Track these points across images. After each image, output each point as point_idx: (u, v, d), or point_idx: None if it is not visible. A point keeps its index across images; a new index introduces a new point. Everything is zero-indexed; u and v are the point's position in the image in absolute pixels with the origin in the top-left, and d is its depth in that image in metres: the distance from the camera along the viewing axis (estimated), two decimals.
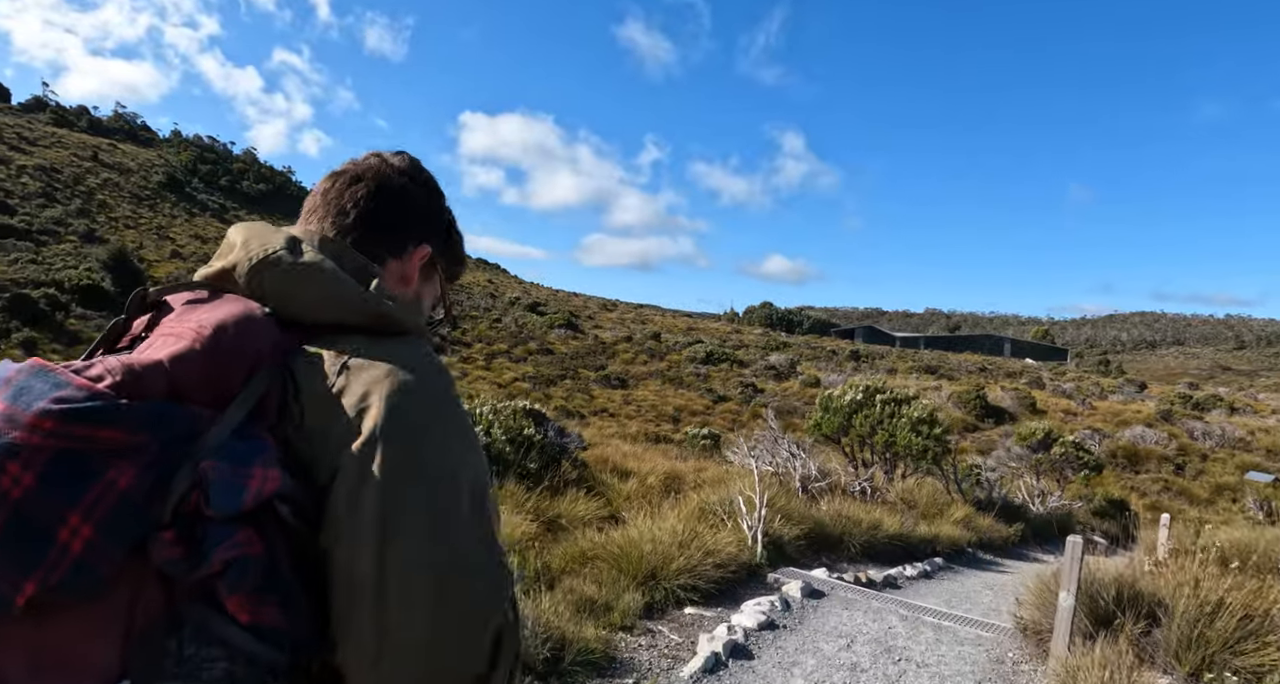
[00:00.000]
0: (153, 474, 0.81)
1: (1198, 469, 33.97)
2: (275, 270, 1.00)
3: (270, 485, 0.85)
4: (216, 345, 0.91)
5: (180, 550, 0.81)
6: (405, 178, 1.20)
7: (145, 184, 68.81)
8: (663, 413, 37.80)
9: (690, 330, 63.99)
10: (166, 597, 0.82)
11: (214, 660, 0.81)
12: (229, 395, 0.89)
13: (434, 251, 1.21)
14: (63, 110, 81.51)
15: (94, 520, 0.78)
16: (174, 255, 58.60)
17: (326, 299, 0.99)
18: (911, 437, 12.16)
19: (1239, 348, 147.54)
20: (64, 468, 0.77)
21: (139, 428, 0.81)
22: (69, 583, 0.77)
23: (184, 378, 0.88)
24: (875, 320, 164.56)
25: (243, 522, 0.84)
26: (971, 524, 11.63)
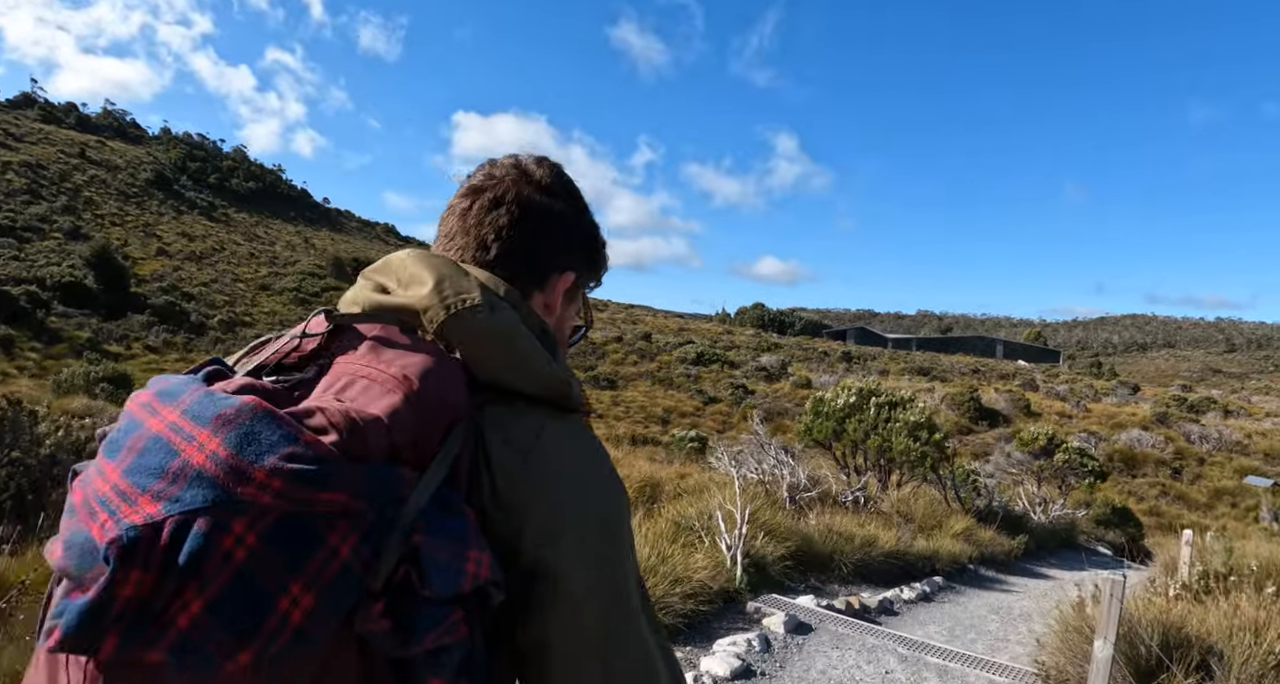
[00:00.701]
0: (370, 542, 0.74)
1: (1195, 473, 33.15)
2: (476, 325, 0.91)
3: (484, 571, 0.80)
4: (424, 399, 0.83)
5: (388, 624, 0.74)
6: (549, 198, 1.08)
7: (133, 181, 67.66)
8: (652, 414, 36.99)
9: (682, 331, 63.06)
10: (362, 672, 0.76)
11: None
12: (428, 454, 0.82)
13: (577, 275, 1.12)
14: (51, 107, 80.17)
15: (316, 589, 0.71)
16: (160, 253, 57.57)
17: (516, 366, 0.92)
18: (908, 442, 11.22)
19: (1230, 351, 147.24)
20: (289, 532, 0.71)
21: (362, 494, 0.74)
22: (287, 654, 0.70)
23: (399, 435, 0.80)
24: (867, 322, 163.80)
25: (455, 604, 0.78)
26: (973, 537, 10.69)
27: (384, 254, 1.05)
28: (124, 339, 42.72)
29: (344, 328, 0.92)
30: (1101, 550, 14.61)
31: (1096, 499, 15.20)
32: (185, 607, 0.68)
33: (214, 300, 51.45)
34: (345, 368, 0.88)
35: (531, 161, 1.11)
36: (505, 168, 1.10)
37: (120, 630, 0.67)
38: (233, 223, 70.68)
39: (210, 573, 0.68)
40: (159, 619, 0.68)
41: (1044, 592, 9.63)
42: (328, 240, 75.20)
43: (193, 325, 46.63)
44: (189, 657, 0.68)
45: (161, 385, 0.80)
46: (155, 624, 0.68)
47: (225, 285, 54.59)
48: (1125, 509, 16.36)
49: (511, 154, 1.13)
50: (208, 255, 59.52)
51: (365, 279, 1.01)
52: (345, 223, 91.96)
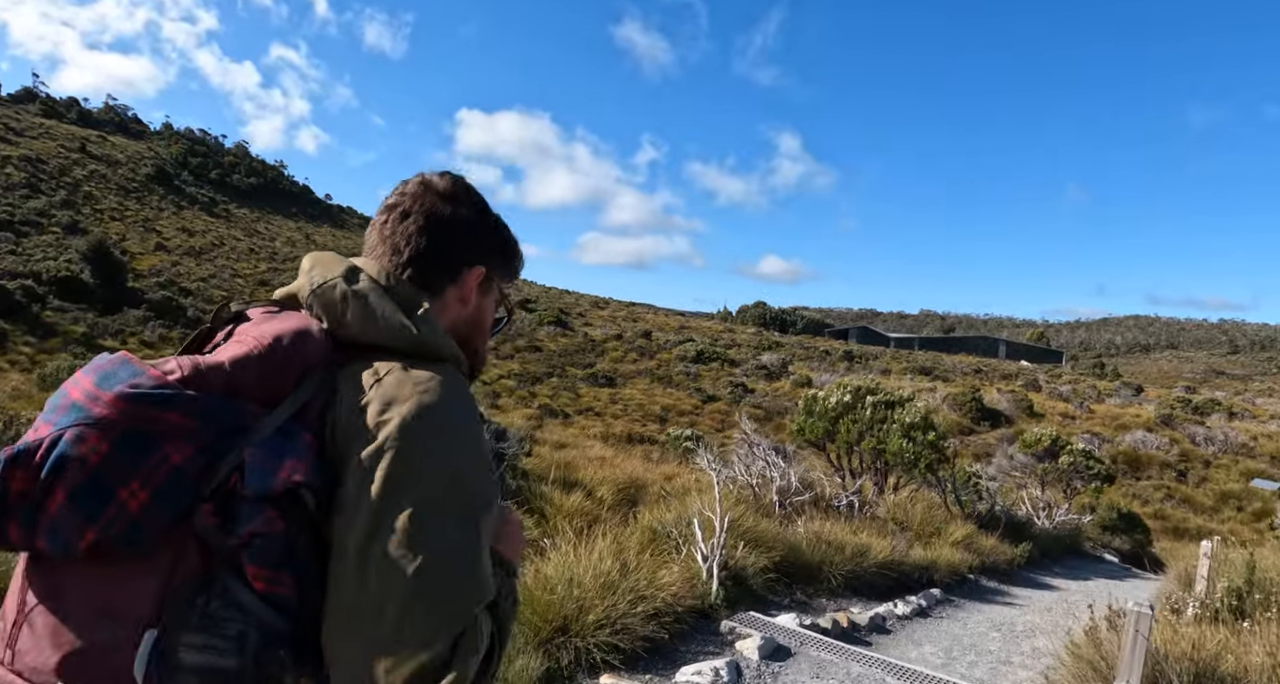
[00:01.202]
0: (204, 456, 0.94)
1: (1200, 476, 32.43)
2: (330, 295, 1.12)
3: (297, 476, 0.97)
4: (270, 353, 1.04)
5: (216, 521, 0.93)
6: (452, 205, 1.25)
7: (133, 176, 67.09)
8: (650, 412, 36.39)
9: (682, 329, 62.38)
10: (203, 562, 0.94)
11: (231, 620, 0.92)
12: (279, 397, 1.03)
13: (489, 267, 1.29)
14: (52, 102, 79.62)
15: (150, 487, 0.91)
16: (159, 248, 57.00)
17: (369, 323, 1.11)
18: (904, 444, 10.53)
19: (1233, 352, 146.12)
20: (132, 441, 0.92)
21: (194, 415, 0.94)
22: (123, 536, 0.91)
23: (240, 378, 1.01)
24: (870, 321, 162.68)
25: (270, 503, 0.95)
26: (973, 545, 10.01)
27: None
28: (119, 334, 42.07)
29: (241, 315, 1.16)
30: (1108, 558, 13.91)
31: (1101, 504, 14.48)
32: (54, 497, 0.91)
33: (212, 296, 50.81)
34: (230, 340, 1.09)
35: (435, 176, 1.28)
36: (413, 185, 1.27)
37: (16, 519, 0.91)
38: (233, 218, 70.09)
39: (70, 471, 0.90)
40: (38, 510, 0.91)
41: (1049, 605, 8.95)
42: (329, 236, 74.64)
43: (189, 320, 45.91)
44: (55, 537, 0.91)
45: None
46: (38, 513, 0.91)
47: (224, 281, 54.00)
48: (1132, 515, 15.62)
49: (419, 172, 1.30)
50: (207, 251, 58.95)
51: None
52: (347, 219, 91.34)
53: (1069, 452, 13.74)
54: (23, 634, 0.95)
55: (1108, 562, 13.67)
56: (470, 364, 1.28)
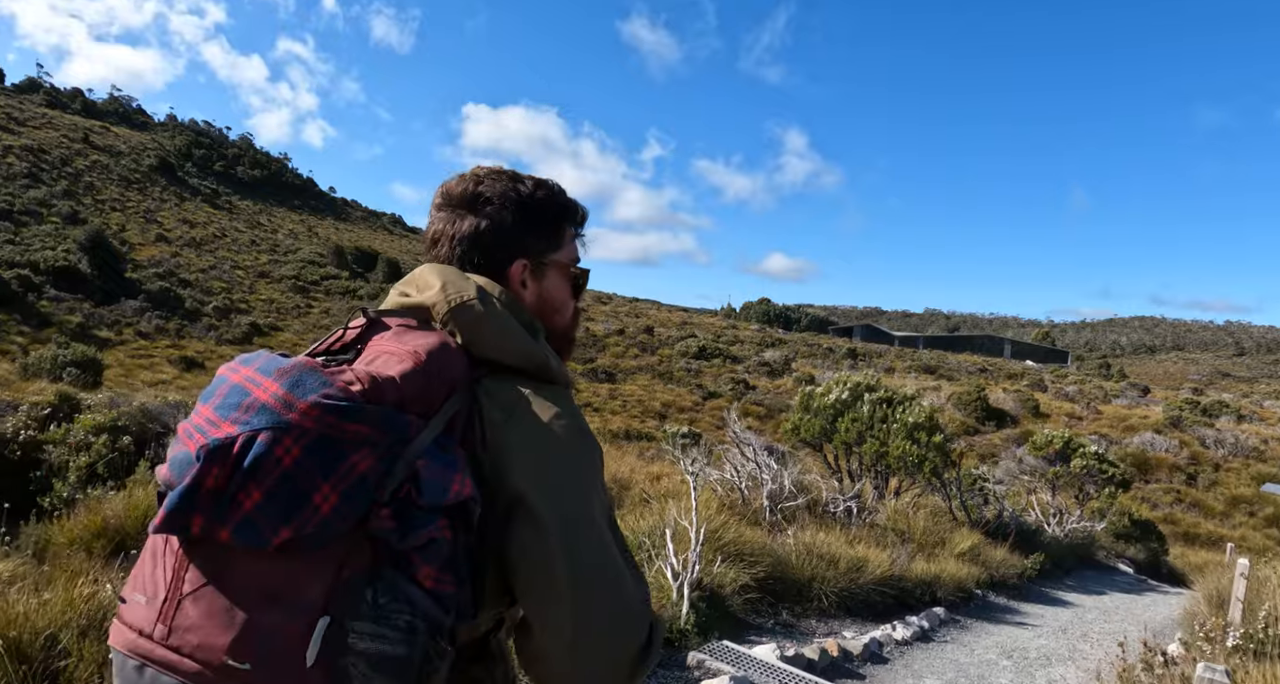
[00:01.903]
0: (383, 463, 1.01)
1: (1211, 479, 31.45)
2: (469, 315, 1.19)
3: (466, 490, 1.06)
4: (429, 368, 1.11)
5: (393, 524, 1.00)
6: (474, 215, 1.32)
7: (136, 167, 66.32)
8: (649, 409, 35.59)
9: (685, 325, 61.46)
10: (371, 558, 1.01)
11: (400, 612, 1.00)
12: (433, 409, 1.10)
13: (530, 258, 1.34)
14: (56, 92, 78.82)
15: (339, 491, 0.98)
16: (159, 238, 56.33)
17: (503, 345, 1.19)
18: (907, 445, 9.65)
19: (1239, 354, 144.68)
20: (322, 447, 0.98)
21: (376, 426, 1.02)
22: (315, 535, 0.98)
23: (409, 391, 1.08)
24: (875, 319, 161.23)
25: (442, 513, 1.04)
26: (981, 557, 9.13)
27: (390, 244, 1.34)
28: (115, 324, 41.50)
29: (376, 322, 1.23)
30: (1123, 568, 13.00)
31: (1112, 509, 13.58)
32: (249, 495, 0.96)
33: (211, 287, 50.17)
34: (376, 348, 1.17)
35: (455, 186, 1.33)
36: (436, 209, 1.35)
37: (205, 512, 0.97)
38: (236, 210, 69.37)
39: (266, 472, 0.96)
40: (230, 504, 0.96)
41: (1064, 625, 8.08)
42: (331, 229, 73.82)
43: (187, 312, 45.36)
44: (249, 532, 0.97)
45: (243, 356, 1.10)
46: (229, 508, 0.97)
47: (223, 272, 53.28)
48: (1148, 522, 14.72)
49: (442, 187, 1.36)
50: (208, 242, 58.24)
51: (395, 289, 1.30)
52: (351, 212, 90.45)
53: (1082, 455, 12.84)
54: (185, 612, 1.00)
55: (1123, 573, 12.77)
56: (557, 342, 1.37)
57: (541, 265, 1.35)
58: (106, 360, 34.73)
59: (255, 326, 44.58)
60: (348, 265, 58.67)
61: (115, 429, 9.09)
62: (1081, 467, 12.60)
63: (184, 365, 35.30)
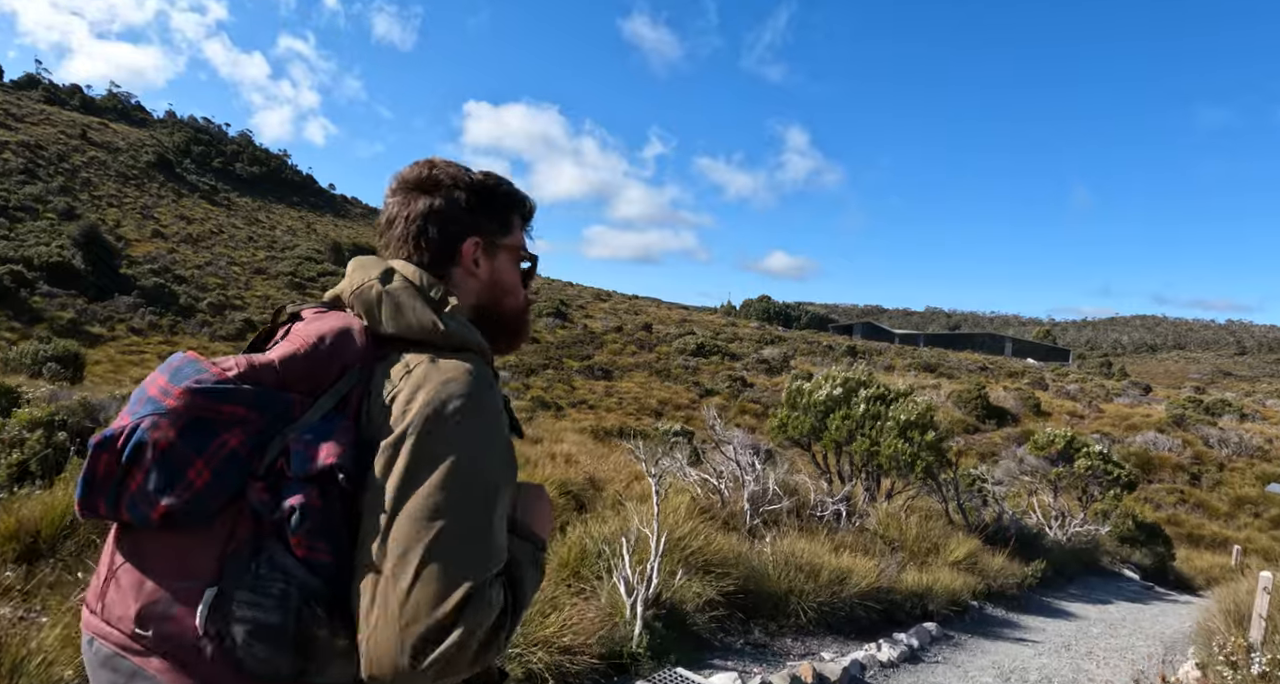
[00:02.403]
0: (256, 440, 1.08)
1: (1215, 479, 30.76)
2: (368, 296, 1.23)
3: (330, 459, 1.07)
4: (314, 350, 1.16)
5: (267, 497, 1.07)
6: (427, 195, 1.34)
7: (134, 163, 65.71)
8: (645, 406, 35.05)
9: (684, 322, 60.76)
10: (254, 532, 1.07)
11: (275, 581, 1.04)
12: (323, 389, 1.15)
13: (481, 235, 1.36)
14: (55, 88, 78.15)
15: (211, 467, 1.06)
16: (155, 235, 55.75)
17: (400, 320, 1.21)
18: (900, 444, 8.96)
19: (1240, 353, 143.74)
20: (196, 429, 1.06)
21: (249, 406, 1.09)
22: (189, 507, 1.06)
23: (289, 373, 1.14)
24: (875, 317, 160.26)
25: (311, 482, 1.07)
26: (977, 565, 8.45)
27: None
28: (108, 321, 40.97)
29: (297, 314, 1.29)
30: (1128, 574, 12.29)
31: (1115, 510, 12.86)
32: (134, 477, 1.07)
33: (206, 283, 49.58)
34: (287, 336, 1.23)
35: (406, 171, 1.38)
36: (390, 190, 1.38)
37: (103, 496, 1.08)
38: (234, 207, 68.77)
39: (147, 454, 1.06)
40: (121, 487, 1.07)
41: (1067, 640, 7.40)
42: (330, 226, 73.15)
43: (181, 308, 44.80)
44: (134, 509, 1.07)
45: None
46: (120, 490, 1.07)
47: (220, 268, 52.69)
48: (1154, 526, 14.00)
49: (394, 174, 1.39)
50: (205, 238, 57.68)
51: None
52: (350, 209, 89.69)
53: (1086, 455, 12.14)
54: (110, 589, 1.12)
55: (1128, 579, 12.06)
56: (510, 325, 1.42)
57: (494, 245, 1.38)
58: (97, 356, 34.21)
59: (249, 323, 43.97)
60: (345, 261, 57.84)
61: (52, 424, 8.48)
62: (1086, 467, 11.90)
63: None
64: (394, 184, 1.37)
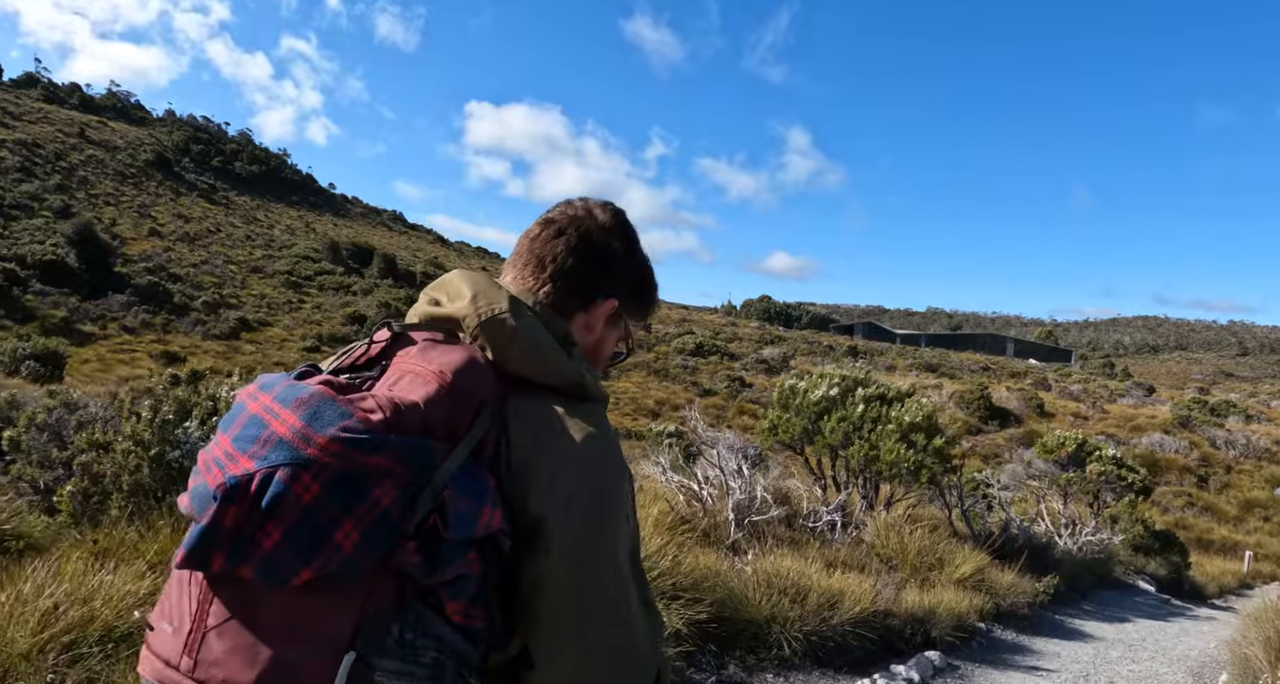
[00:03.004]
0: (406, 495, 0.95)
1: (1223, 482, 29.91)
2: (501, 330, 1.11)
3: (495, 523, 1.00)
4: (455, 390, 1.04)
5: (420, 559, 0.95)
6: (606, 235, 1.27)
7: (132, 162, 65.14)
8: (642, 406, 34.31)
9: (683, 322, 60.05)
10: (396, 593, 0.96)
11: (427, 649, 0.97)
12: (459, 434, 1.02)
13: (620, 304, 1.29)
14: (54, 87, 77.56)
15: (362, 528, 0.92)
16: (152, 233, 55.15)
17: (534, 361, 1.11)
18: (902, 450, 8.16)
19: (1242, 354, 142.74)
20: (343, 483, 0.92)
21: (400, 459, 0.95)
22: (338, 574, 0.93)
23: (433, 417, 1.01)
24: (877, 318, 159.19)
25: (471, 546, 0.99)
26: (985, 582, 7.64)
27: (388, 240, 1.39)
28: (100, 319, 40.41)
29: (402, 336, 1.15)
30: (1143, 586, 11.47)
31: (1124, 516, 12.04)
32: (269, 535, 0.91)
33: (201, 282, 48.98)
34: (400, 366, 1.10)
35: (597, 204, 1.30)
36: (577, 207, 1.29)
37: (225, 551, 0.92)
38: (233, 206, 68.16)
39: (285, 510, 0.91)
40: (250, 543, 0.92)
41: (1086, 668, 6.58)
42: (330, 225, 72.46)
43: (175, 306, 44.26)
44: (269, 572, 0.92)
45: (263, 380, 1.04)
46: (248, 546, 0.92)
47: (216, 267, 52.08)
48: (1168, 533, 13.18)
49: (584, 197, 1.32)
50: (202, 237, 57.11)
51: (424, 295, 1.24)
52: (350, 208, 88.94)
53: (1098, 459, 11.33)
54: (210, 645, 0.97)
55: (1143, 591, 11.24)
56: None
57: (619, 318, 1.32)
58: (86, 355, 33.55)
59: (244, 322, 43.42)
60: (343, 261, 57.34)
61: None
62: (1099, 472, 11.10)
63: (165, 360, 34.20)
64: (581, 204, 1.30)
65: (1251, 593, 17.05)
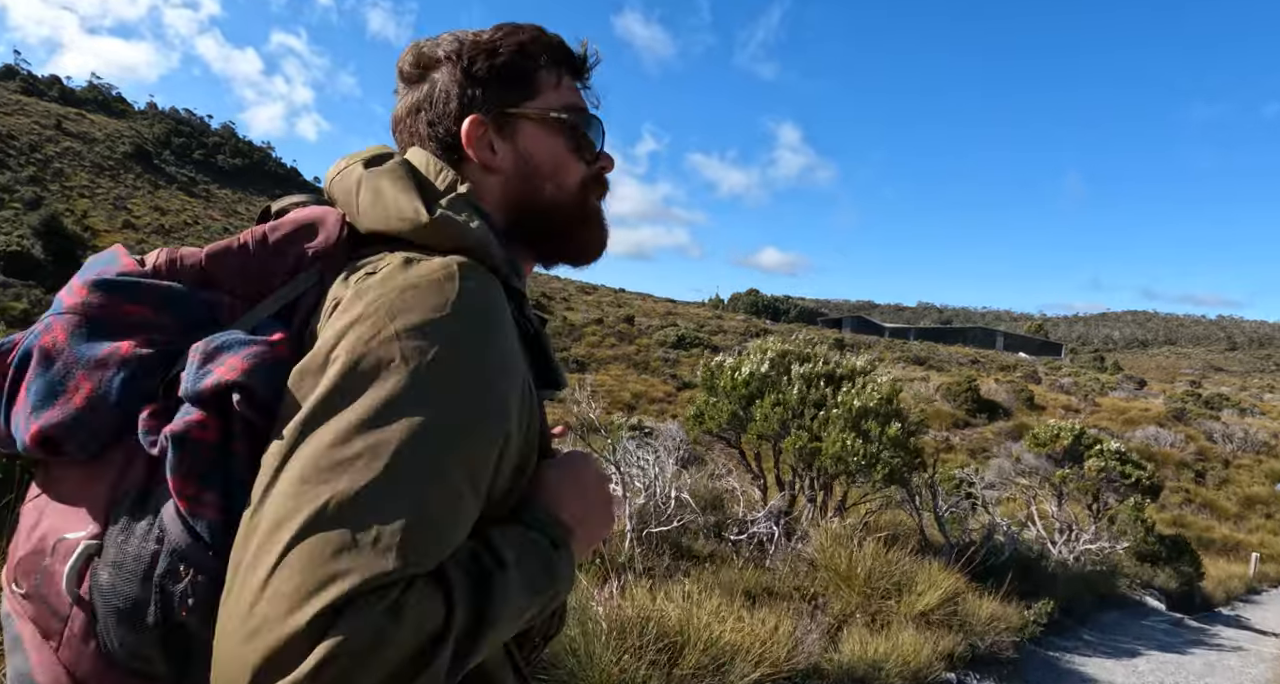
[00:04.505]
0: (160, 350, 0.80)
1: (1221, 477, 28.08)
2: (346, 181, 0.93)
3: (231, 374, 0.74)
4: (268, 242, 0.88)
5: (153, 422, 0.77)
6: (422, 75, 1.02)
7: (110, 154, 63.31)
8: (618, 399, 32.45)
9: (669, 315, 58.20)
10: (148, 472, 0.77)
11: (144, 538, 0.75)
12: (265, 290, 0.86)
13: (482, 109, 1.00)
14: (33, 79, 75.49)
15: (95, 379, 0.78)
16: (126, 225, 53.33)
17: (376, 209, 0.88)
18: (850, 440, 6.25)
19: (1230, 349, 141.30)
20: (89, 331, 0.80)
21: (160, 306, 0.82)
22: (66, 430, 0.78)
23: (220, 269, 0.86)
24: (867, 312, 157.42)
25: (205, 405, 0.75)
26: (959, 613, 5.71)
27: None
28: None
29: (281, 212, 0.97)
30: (1151, 603, 9.55)
31: (1136, 524, 10.14)
32: (20, 390, 0.81)
33: None
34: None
35: (401, 58, 1.05)
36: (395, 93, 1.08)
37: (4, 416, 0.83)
38: (214, 199, 66.33)
39: (32, 363, 0.81)
40: (9, 403, 0.83)
41: None
42: None
43: None
44: (15, 433, 0.81)
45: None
46: (9, 407, 0.83)
47: None
48: (1178, 539, 11.30)
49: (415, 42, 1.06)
50: (178, 229, 55.37)
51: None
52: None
53: (1099, 454, 9.44)
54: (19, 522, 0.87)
55: (1152, 609, 9.32)
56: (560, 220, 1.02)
57: (507, 117, 1.00)
58: None
59: None
60: None
61: None
62: (1098, 469, 9.20)
63: None
64: (397, 72, 1.06)
65: (1260, 599, 15.32)
